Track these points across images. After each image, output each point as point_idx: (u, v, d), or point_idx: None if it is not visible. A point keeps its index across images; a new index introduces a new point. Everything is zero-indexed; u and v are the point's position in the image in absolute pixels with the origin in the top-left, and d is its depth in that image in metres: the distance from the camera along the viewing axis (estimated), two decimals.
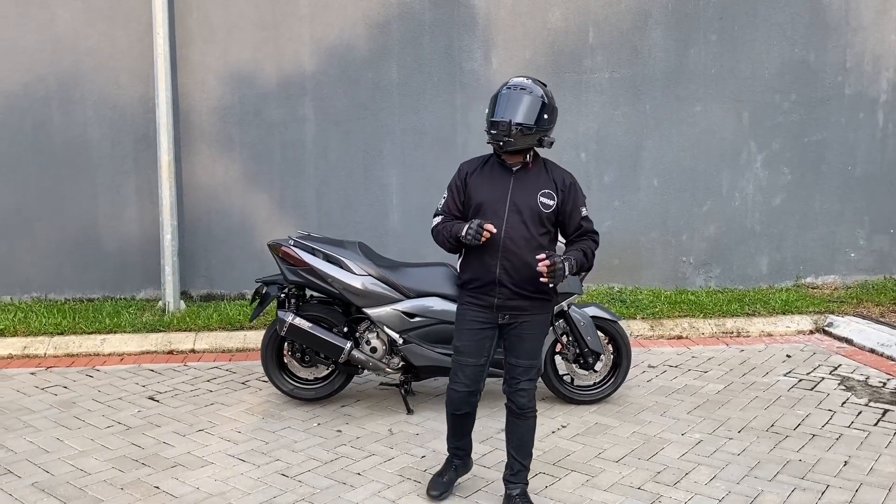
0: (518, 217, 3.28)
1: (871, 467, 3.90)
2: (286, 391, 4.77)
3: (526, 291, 3.30)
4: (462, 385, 3.40)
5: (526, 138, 3.27)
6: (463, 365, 3.40)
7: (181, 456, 4.04)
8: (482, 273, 3.32)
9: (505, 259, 3.28)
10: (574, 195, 3.37)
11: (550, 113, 3.33)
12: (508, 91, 3.31)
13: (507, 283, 3.29)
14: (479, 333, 3.36)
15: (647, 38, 7.15)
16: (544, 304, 3.42)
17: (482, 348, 3.39)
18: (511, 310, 3.33)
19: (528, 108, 3.26)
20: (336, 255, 4.60)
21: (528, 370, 3.38)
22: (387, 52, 6.92)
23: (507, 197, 3.30)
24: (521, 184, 3.33)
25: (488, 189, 3.33)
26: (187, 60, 6.73)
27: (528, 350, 3.38)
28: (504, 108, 3.26)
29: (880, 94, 7.47)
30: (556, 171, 3.42)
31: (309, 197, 7.00)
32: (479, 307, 3.36)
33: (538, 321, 3.39)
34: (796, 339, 6.27)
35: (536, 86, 3.34)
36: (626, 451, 4.09)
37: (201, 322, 6.20)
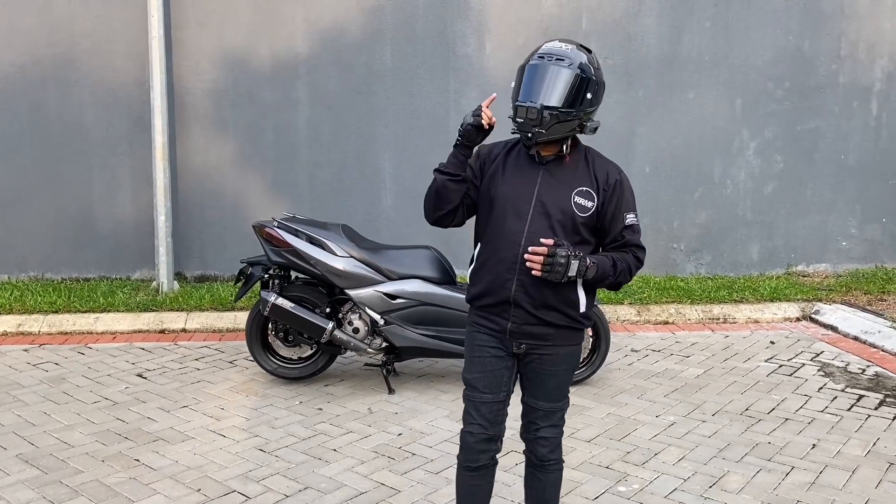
0: (545, 221, 2.55)
1: (839, 450, 3.96)
2: (270, 370, 4.86)
3: (548, 317, 2.58)
4: (478, 426, 2.66)
5: (562, 126, 2.52)
6: (477, 403, 2.66)
7: (163, 431, 4.14)
8: (494, 288, 2.60)
9: (524, 273, 2.53)
10: (619, 195, 2.59)
11: (595, 90, 2.56)
12: (540, 62, 2.53)
13: (525, 304, 2.56)
14: (492, 363, 2.65)
15: (640, 25, 7.16)
16: (573, 335, 2.66)
17: (499, 381, 2.66)
18: (528, 338, 2.61)
19: (565, 87, 2.50)
20: (319, 237, 4.67)
21: (549, 415, 2.69)
22: (380, 36, 6.96)
23: (534, 194, 2.57)
24: (553, 178, 2.59)
25: (510, 182, 2.61)
26: (182, 43, 6.79)
27: (549, 390, 2.67)
28: (532, 87, 2.51)
29: (874, 82, 7.45)
30: (601, 163, 2.65)
31: (302, 180, 7.07)
32: (489, 331, 2.65)
33: (564, 355, 2.65)
34: (782, 326, 6.31)
35: (579, 52, 2.57)
36: (599, 432, 4.16)
37: (193, 302, 6.30)
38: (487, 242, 2.65)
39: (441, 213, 2.67)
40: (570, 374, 2.72)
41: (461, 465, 2.74)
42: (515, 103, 2.53)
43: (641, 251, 2.65)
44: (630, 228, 2.62)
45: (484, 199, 2.66)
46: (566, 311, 2.59)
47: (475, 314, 2.70)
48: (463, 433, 2.72)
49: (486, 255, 2.64)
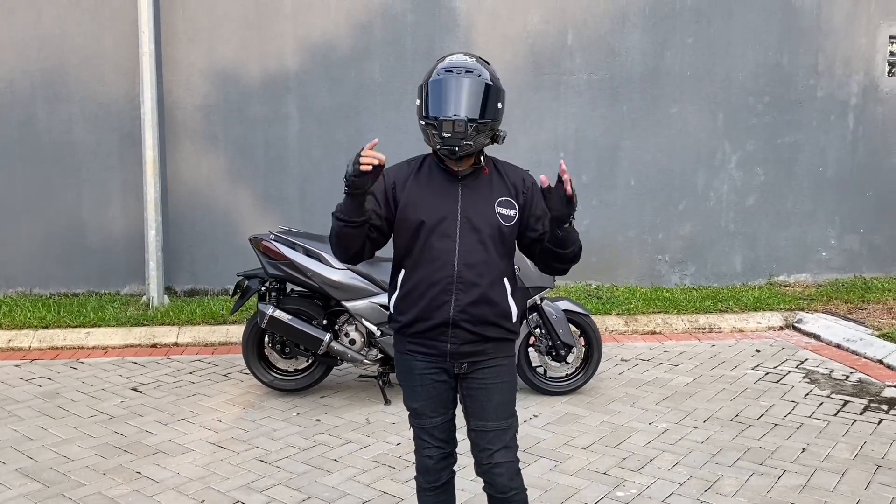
0: (475, 236, 2.52)
1: (828, 454, 4.06)
2: (266, 382, 4.89)
3: (487, 332, 2.54)
4: (435, 449, 2.65)
5: (482, 136, 2.50)
6: (429, 428, 2.65)
7: (162, 443, 4.15)
8: (430, 312, 2.52)
9: (462, 293, 2.50)
10: (537, 193, 2.60)
11: (503, 98, 2.55)
12: (450, 76, 2.49)
13: (464, 324, 2.51)
14: (436, 388, 2.60)
15: (624, 41, 7.31)
16: (507, 346, 2.63)
17: (445, 401, 2.64)
18: (468, 356, 2.55)
19: (480, 97, 2.47)
20: (316, 250, 4.72)
21: (499, 435, 2.57)
22: (369, 52, 7.05)
23: (458, 211, 2.53)
24: (473, 192, 2.55)
25: (430, 203, 2.53)
26: (172, 58, 6.83)
27: (496, 406, 2.58)
28: (450, 101, 2.46)
29: (850, 97, 7.67)
30: (511, 171, 2.64)
31: (292, 194, 7.12)
32: (427, 356, 2.58)
33: (504, 367, 2.61)
34: (766, 334, 6.44)
35: (480, 65, 2.55)
36: (595, 439, 4.23)
37: (185, 316, 6.31)
38: (414, 267, 2.56)
39: (348, 255, 2.56)
40: (513, 390, 2.64)
41: (423, 488, 2.71)
42: (440, 118, 2.44)
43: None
44: None
45: (402, 224, 2.55)
46: (502, 324, 2.57)
47: (408, 341, 2.61)
48: (421, 458, 2.69)
49: (416, 279, 2.55)
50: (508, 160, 2.73)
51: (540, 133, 7.32)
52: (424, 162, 2.63)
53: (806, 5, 7.48)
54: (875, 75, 7.67)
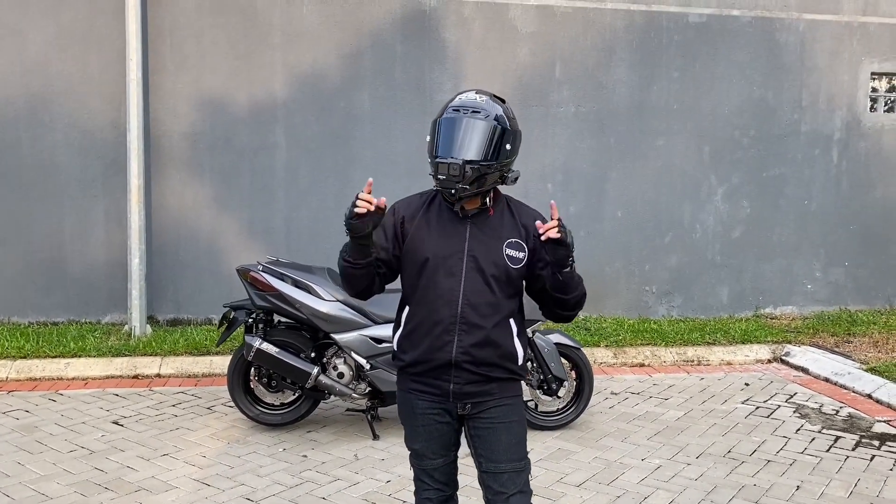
0: (480, 277, 2.47)
1: (822, 492, 4.03)
2: (252, 416, 4.78)
3: (492, 373, 2.50)
4: (435, 491, 2.61)
5: (484, 178, 2.45)
6: (429, 470, 2.60)
7: (145, 480, 4.03)
8: (432, 352, 2.48)
9: (464, 332, 2.45)
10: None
11: (513, 140, 2.50)
12: (456, 115, 2.47)
13: (467, 365, 2.47)
14: (438, 429, 2.55)
15: (611, 74, 7.37)
16: (514, 386, 2.58)
17: (447, 443, 2.59)
18: (472, 397, 2.50)
19: (483, 139, 2.44)
20: (305, 281, 4.66)
21: (514, 478, 2.51)
22: (359, 82, 7.04)
23: (465, 250, 2.48)
24: (481, 232, 2.50)
25: (437, 240, 2.50)
26: (159, 87, 6.78)
27: (508, 446, 2.51)
28: (451, 142, 2.44)
29: (834, 131, 7.77)
30: (525, 212, 2.59)
31: (278, 223, 7.05)
32: (430, 397, 2.53)
33: (511, 406, 2.54)
34: (755, 367, 6.43)
35: (494, 103, 2.51)
36: (587, 476, 4.17)
37: (167, 347, 6.19)
38: (419, 304, 2.52)
39: (357, 291, 2.57)
40: (523, 429, 2.57)
41: None
42: (436, 160, 2.44)
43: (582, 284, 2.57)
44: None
45: (409, 260, 2.52)
46: (506, 365, 2.52)
47: (411, 380, 2.56)
48: (420, 500, 2.63)
49: (420, 317, 2.51)
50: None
51: (528, 164, 7.30)
52: (436, 197, 2.59)
53: (790, 42, 7.60)
54: (857, 111, 7.79)
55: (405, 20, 7.04)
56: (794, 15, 7.58)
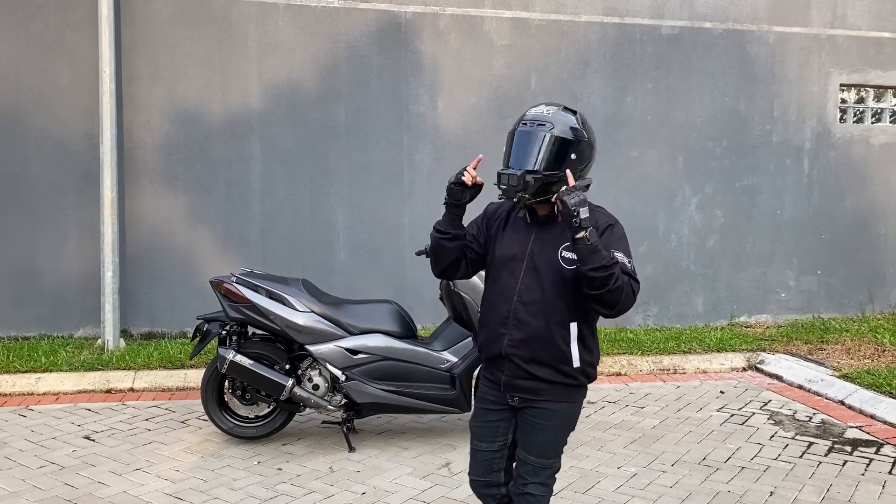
0: (534, 277, 2.61)
1: (795, 497, 4.06)
2: (226, 429, 4.73)
3: (540, 372, 2.60)
4: (473, 473, 2.81)
5: (547, 187, 2.56)
6: (474, 450, 2.80)
7: (116, 496, 3.97)
8: (489, 342, 2.69)
9: (516, 328, 2.60)
10: (607, 238, 2.58)
11: (580, 150, 2.60)
12: (523, 129, 2.62)
13: (516, 359, 2.62)
14: (490, 414, 2.74)
15: (586, 86, 7.44)
16: (566, 391, 2.65)
17: (494, 431, 2.74)
18: (521, 391, 2.65)
19: (545, 150, 2.56)
20: (279, 292, 4.63)
21: (536, 471, 2.67)
22: (335, 94, 7.04)
23: (526, 252, 2.64)
24: (544, 235, 2.64)
25: (507, 241, 2.70)
26: (133, 98, 6.74)
27: (539, 445, 2.66)
28: (516, 153, 2.60)
29: (805, 142, 7.89)
30: (592, 216, 2.57)
31: (254, 235, 7.01)
32: (489, 382, 2.75)
33: (556, 411, 2.64)
34: (730, 375, 6.48)
35: (563, 114, 2.63)
36: (563, 486, 4.16)
37: (141, 360, 6.12)
38: (487, 299, 2.75)
39: (441, 266, 2.80)
40: (562, 433, 2.70)
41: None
42: (498, 171, 2.60)
43: (635, 283, 2.58)
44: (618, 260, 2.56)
45: (488, 257, 2.75)
46: (558, 367, 2.60)
47: (483, 365, 2.82)
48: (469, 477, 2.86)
49: (485, 310, 2.75)
50: (474, 201, 2.78)
51: None
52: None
53: (761, 54, 7.72)
54: (827, 121, 7.92)
55: (381, 32, 7.07)
56: (765, 27, 7.71)
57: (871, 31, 7.92)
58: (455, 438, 4.86)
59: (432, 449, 4.67)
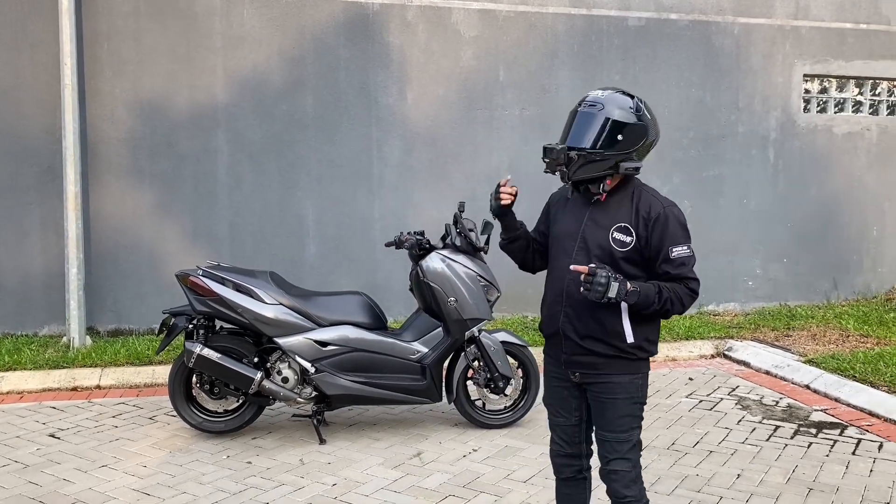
0: (585, 256, 2.68)
1: (762, 479, 4.12)
2: (195, 424, 4.68)
3: (595, 347, 2.69)
4: (556, 444, 2.90)
5: (593, 166, 2.64)
6: (553, 423, 2.91)
7: (82, 493, 3.91)
8: (548, 320, 2.82)
9: (569, 306, 2.71)
10: (663, 229, 2.63)
11: (629, 131, 2.65)
12: (578, 109, 2.74)
13: (571, 335, 2.72)
14: (557, 390, 2.85)
15: (554, 78, 7.47)
16: (625, 364, 2.70)
17: (568, 405, 2.83)
18: (580, 367, 2.74)
19: (593, 130, 2.64)
20: (246, 285, 4.58)
21: (615, 446, 2.72)
22: (302, 86, 6.99)
23: (579, 231, 2.72)
24: (597, 216, 2.72)
25: (563, 221, 2.81)
26: (96, 91, 6.63)
27: (610, 419, 2.72)
28: (566, 132, 2.72)
29: (770, 132, 7.99)
30: (646, 198, 2.70)
31: (222, 229, 6.94)
32: (552, 360, 2.86)
33: (619, 384, 2.70)
34: (699, 363, 6.55)
35: (617, 97, 2.72)
36: (535, 472, 4.18)
37: (108, 358, 6.03)
38: (547, 278, 2.87)
39: (518, 264, 3.02)
40: (630, 406, 2.72)
41: (555, 476, 2.97)
42: (543, 145, 2.71)
43: (694, 282, 2.67)
44: (676, 262, 2.63)
45: (549, 238, 2.90)
46: (611, 342, 2.68)
47: (545, 343, 2.91)
48: (550, 450, 2.95)
49: (545, 289, 2.86)
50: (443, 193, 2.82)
51: (475, 166, 7.36)
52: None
53: (726, 45, 7.80)
54: (791, 112, 8.03)
55: (348, 24, 7.02)
56: (730, 18, 7.79)
57: (833, 22, 8.04)
58: (426, 429, 4.86)
59: (403, 439, 4.66)
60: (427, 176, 7.21)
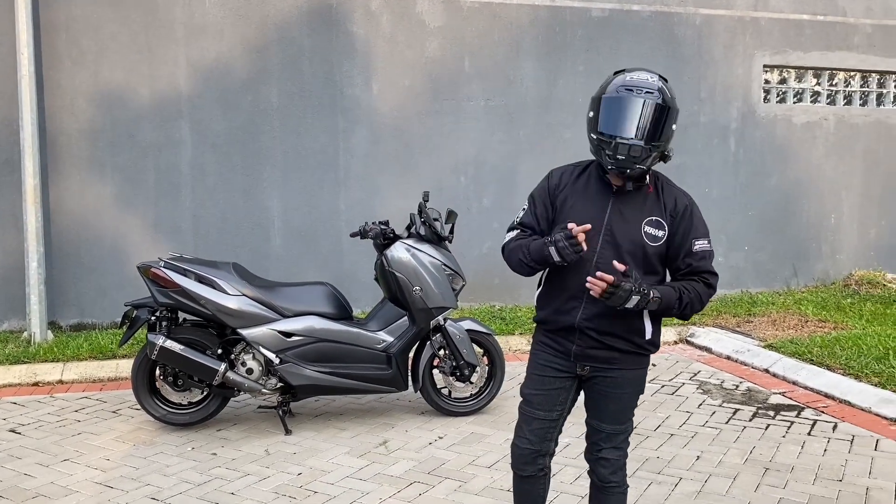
0: (613, 252, 2.53)
1: (720, 460, 4.21)
2: (159, 417, 4.65)
3: (614, 343, 2.60)
4: (526, 441, 2.73)
5: (654, 158, 2.53)
6: (529, 417, 2.73)
7: (43, 486, 3.87)
8: (560, 314, 2.63)
9: (591, 301, 2.54)
10: (688, 222, 2.57)
11: (676, 119, 2.56)
12: (630, 95, 2.49)
13: (590, 332, 2.59)
14: (551, 382, 2.68)
15: (519, 68, 7.50)
16: (638, 359, 2.66)
17: (554, 400, 2.70)
18: (593, 361, 2.63)
19: (657, 121, 2.48)
20: (209, 276, 4.56)
21: (611, 437, 2.70)
22: (266, 76, 6.94)
23: (603, 223, 2.55)
24: (623, 207, 2.56)
25: (581, 209, 2.58)
26: (55, 82, 6.52)
27: (612, 413, 2.69)
28: (628, 122, 2.46)
29: (731, 121, 8.12)
30: (668, 189, 2.61)
31: (186, 221, 6.88)
32: (554, 351, 2.68)
33: (628, 378, 2.66)
34: (662, 349, 6.60)
35: (660, 83, 2.54)
36: (499, 457, 4.23)
37: (70, 352, 5.95)
38: (556, 268, 2.61)
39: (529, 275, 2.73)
40: (634, 398, 2.71)
41: (513, 471, 2.82)
42: (617, 140, 2.45)
43: (713, 277, 2.61)
44: (698, 255, 2.57)
45: (556, 225, 2.62)
46: (631, 339, 2.60)
47: (541, 334, 2.74)
48: (512, 443, 2.79)
49: (554, 280, 2.65)
50: (410, 183, 2.76)
51: (441, 157, 7.38)
52: (588, 168, 2.68)
53: (687, 36, 7.90)
54: (752, 102, 8.16)
55: (312, 14, 6.99)
56: (691, 10, 7.89)
57: (791, 13, 8.18)
58: (392, 417, 4.88)
59: (370, 429, 4.68)
60: (394, 167, 7.21)
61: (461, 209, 6.75)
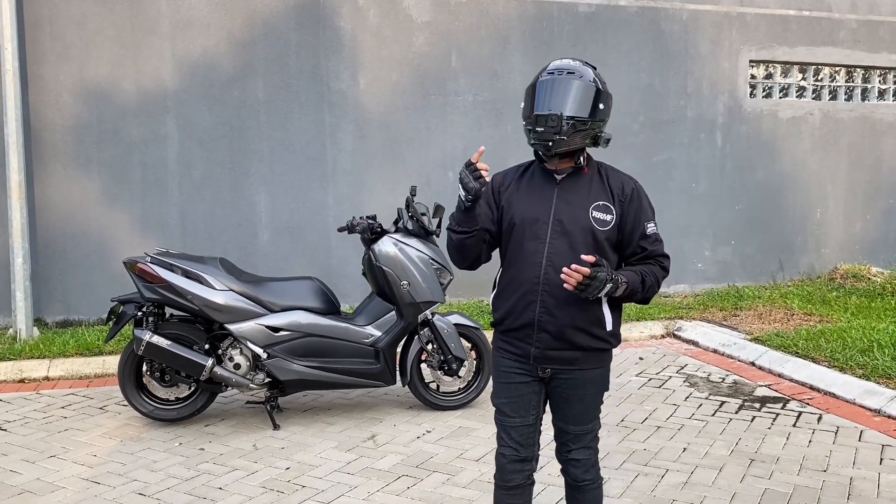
0: (564, 240, 2.53)
1: (706, 452, 4.24)
2: (146, 412, 4.64)
3: (575, 338, 2.56)
4: (510, 449, 2.68)
5: (579, 135, 2.51)
6: (506, 426, 2.68)
7: (29, 483, 3.85)
8: (517, 312, 2.58)
9: (547, 294, 2.52)
10: (637, 205, 2.58)
11: (606, 101, 2.56)
12: (552, 77, 2.54)
13: (548, 328, 2.54)
14: (518, 389, 2.64)
15: (505, 63, 7.51)
16: (600, 356, 2.63)
17: (526, 405, 2.65)
18: (553, 362, 2.58)
19: (580, 97, 2.51)
20: (196, 271, 4.54)
21: (579, 437, 2.69)
22: (252, 71, 6.92)
23: (551, 213, 2.55)
24: (568, 195, 2.57)
25: (526, 203, 2.59)
26: (39, 77, 6.47)
27: (577, 414, 2.66)
28: (549, 98, 2.50)
29: (717, 116, 8.16)
30: (615, 175, 2.64)
31: (172, 217, 6.85)
32: (513, 356, 2.63)
33: (590, 379, 2.63)
34: (649, 343, 6.69)
35: (586, 68, 2.59)
36: (487, 451, 4.24)
37: (56, 349, 5.92)
38: (508, 266, 2.63)
39: (468, 262, 2.68)
40: (598, 398, 2.68)
41: (497, 485, 2.74)
42: (535, 113, 2.51)
43: (666, 259, 2.65)
44: (651, 238, 2.60)
45: (503, 225, 2.63)
46: (593, 332, 2.57)
47: (499, 339, 2.69)
48: (497, 454, 2.74)
49: (508, 278, 2.63)
50: (397, 178, 2.75)
51: (429, 152, 7.38)
52: (530, 167, 2.69)
53: (674, 31, 7.93)
54: (738, 97, 8.20)
55: (298, 8, 6.96)
56: (678, 5, 7.92)
57: (777, 8, 8.23)
58: (380, 412, 4.89)
59: (358, 423, 4.69)
60: (381, 161, 7.21)
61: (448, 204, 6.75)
